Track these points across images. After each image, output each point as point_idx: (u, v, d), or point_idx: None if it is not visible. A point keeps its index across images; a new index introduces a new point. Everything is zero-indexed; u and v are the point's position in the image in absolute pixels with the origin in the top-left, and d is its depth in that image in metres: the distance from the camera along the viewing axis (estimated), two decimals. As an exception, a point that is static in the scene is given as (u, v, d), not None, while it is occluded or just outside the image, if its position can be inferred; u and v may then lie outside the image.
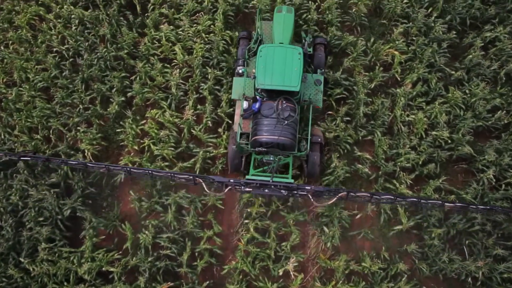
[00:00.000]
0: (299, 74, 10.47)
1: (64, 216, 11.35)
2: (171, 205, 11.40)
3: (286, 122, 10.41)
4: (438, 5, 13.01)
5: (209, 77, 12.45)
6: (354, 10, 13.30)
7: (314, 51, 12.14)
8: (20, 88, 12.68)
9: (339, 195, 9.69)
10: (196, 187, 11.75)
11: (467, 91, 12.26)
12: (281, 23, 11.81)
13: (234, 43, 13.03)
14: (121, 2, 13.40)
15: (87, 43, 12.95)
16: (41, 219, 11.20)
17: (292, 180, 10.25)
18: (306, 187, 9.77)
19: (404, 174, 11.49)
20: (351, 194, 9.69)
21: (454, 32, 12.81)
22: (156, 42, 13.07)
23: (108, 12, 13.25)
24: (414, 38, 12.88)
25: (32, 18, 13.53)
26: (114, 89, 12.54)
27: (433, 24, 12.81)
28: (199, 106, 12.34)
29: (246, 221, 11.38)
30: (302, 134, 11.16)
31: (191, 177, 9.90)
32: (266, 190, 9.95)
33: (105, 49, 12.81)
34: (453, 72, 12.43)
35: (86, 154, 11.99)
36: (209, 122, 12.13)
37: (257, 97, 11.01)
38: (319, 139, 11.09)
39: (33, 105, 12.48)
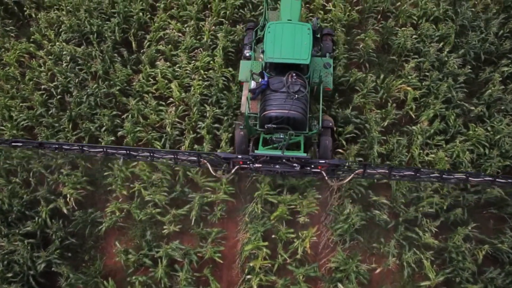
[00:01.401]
0: (308, 47, 10.06)
1: (38, 272, 9.80)
2: (162, 258, 9.91)
3: (296, 96, 9.87)
4: (450, 39, 12.36)
5: (207, 115, 11.47)
6: (361, 46, 12.62)
7: (322, 40, 11.69)
8: (1, 127, 11.62)
9: (356, 172, 9.26)
10: (191, 237, 10.51)
11: (489, 127, 11.23)
12: (288, 6, 11.37)
13: (235, 80, 12.20)
14: (116, 39, 12.73)
15: (77, 80, 12.10)
16: (10, 275, 9.63)
17: (305, 154, 9.47)
18: (320, 161, 9.30)
19: (428, 221, 10.13)
20: (368, 171, 9.19)
21: (469, 67, 12.02)
22: (151, 79, 12.23)
23: (101, 49, 12.52)
24: (427, 73, 12.07)
25: (22, 55, 12.79)
26: (104, 128, 11.50)
27: (446, 59, 12.06)
28: (196, 147, 11.25)
29: (249, 276, 9.84)
30: (313, 115, 10.62)
31: (196, 157, 9.44)
32: (277, 166, 9.42)
33: (96, 86, 11.92)
34: (472, 108, 11.48)
35: (68, 199, 10.68)
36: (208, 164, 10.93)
37: (265, 70, 10.45)
38: (330, 124, 10.55)
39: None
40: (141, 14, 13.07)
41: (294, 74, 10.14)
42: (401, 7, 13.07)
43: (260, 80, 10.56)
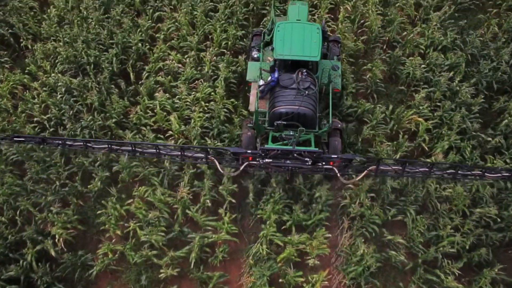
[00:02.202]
0: (318, 45, 10.04)
1: (18, 323, 8.83)
2: (158, 307, 8.99)
3: (306, 92, 9.73)
4: (460, 68, 11.91)
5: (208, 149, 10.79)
6: (368, 76, 12.16)
7: (329, 46, 11.58)
8: (-12, 163, 10.92)
9: (368, 169, 8.89)
10: (191, 282, 9.63)
11: (508, 159, 10.57)
12: (296, 10, 11.40)
13: (237, 112, 11.64)
14: (113, 70, 12.25)
15: (71, 112, 11.51)
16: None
17: (317, 149, 9.23)
18: (333, 156, 9.03)
19: (449, 262, 9.28)
20: (381, 168, 8.87)
21: (482, 97, 11.51)
22: (150, 111, 11.64)
23: (98, 80, 12.02)
24: (438, 103, 11.54)
25: (15, 87, 12.26)
26: (98, 162, 10.81)
27: (458, 88, 11.56)
28: (196, 183, 10.52)
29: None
30: (322, 113, 10.52)
31: (203, 152, 9.18)
32: (288, 162, 9.10)
33: (91, 118, 11.32)
34: (489, 139, 10.86)
35: (57, 240, 9.83)
36: (208, 201, 10.19)
37: (275, 68, 10.25)
38: (339, 125, 10.44)
39: (1, 181, 10.59)
40: (140, 44, 12.67)
41: (304, 71, 9.96)
42: (408, 37, 12.72)
43: (270, 76, 10.33)
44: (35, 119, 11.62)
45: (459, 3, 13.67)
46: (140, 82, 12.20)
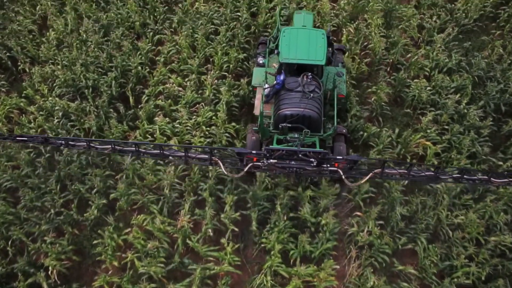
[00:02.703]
0: (323, 50, 10.11)
1: None
2: None
3: (311, 95, 9.77)
4: (467, 90, 11.67)
5: (210, 175, 10.41)
6: (373, 99, 11.89)
7: (333, 54, 11.63)
8: (-19, 190, 10.50)
9: (372, 172, 8.66)
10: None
11: (521, 185, 10.18)
12: (301, 18, 11.59)
13: (239, 136, 11.31)
14: (112, 94, 11.97)
15: (68, 137, 11.13)
16: None
17: (322, 149, 9.17)
18: (338, 157, 8.98)
19: (465, 294, 8.80)
20: (386, 171, 8.65)
21: (491, 119, 11.23)
22: (149, 136, 11.30)
23: (96, 104, 11.72)
24: (446, 126, 11.24)
25: (11, 111, 11.95)
26: (95, 189, 10.39)
27: (466, 111, 11.28)
28: (197, 211, 10.08)
29: None
30: (327, 118, 10.50)
31: (207, 154, 8.96)
32: (293, 162, 8.99)
33: (88, 144, 10.96)
34: (500, 163, 10.51)
35: (50, 272, 9.33)
36: (210, 230, 9.74)
37: (282, 70, 10.32)
38: (344, 130, 10.42)
39: (-7, 210, 10.15)
40: (139, 68, 12.43)
41: (309, 74, 10.04)
42: (412, 59, 12.53)
43: (276, 78, 10.39)
44: (31, 144, 11.24)
45: (462, 25, 13.55)
46: (139, 106, 11.90)
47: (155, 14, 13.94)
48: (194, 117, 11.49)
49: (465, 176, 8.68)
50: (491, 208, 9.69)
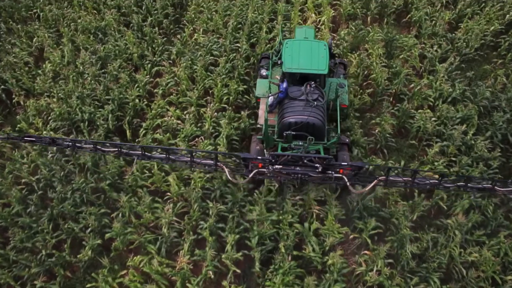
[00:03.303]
0: (326, 60, 10.33)
1: None
2: None
3: (315, 103, 9.89)
4: (473, 121, 11.40)
5: (210, 213, 9.93)
6: (377, 131, 11.60)
7: (335, 65, 11.82)
8: (-33, 230, 9.98)
9: (377, 179, 8.68)
10: None
11: (535, 220, 9.80)
12: (302, 31, 11.92)
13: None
14: (108, 127, 11.62)
15: (62, 173, 10.72)
16: None
17: (327, 155, 9.24)
18: (343, 163, 9.04)
19: None
20: (391, 178, 8.63)
21: (499, 150, 10.92)
22: (147, 172, 10.86)
23: (92, 138, 11.34)
24: (453, 158, 10.90)
25: (3, 145, 11.54)
26: (89, 229, 9.89)
27: (473, 142, 10.98)
28: (197, 251, 9.55)
29: None
30: (330, 127, 10.60)
31: (213, 158, 9.05)
32: (298, 168, 9.00)
33: (83, 180, 10.52)
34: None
35: (39, 321, 8.72)
36: (210, 272, 9.18)
37: (284, 78, 10.46)
38: (347, 140, 10.55)
39: (-20, 252, 9.60)
40: (137, 100, 12.15)
41: (312, 83, 10.18)
42: (415, 89, 12.33)
43: (279, 87, 10.56)
44: (23, 180, 10.81)
45: (463, 54, 13.45)
46: (137, 140, 11.53)
47: (154, 45, 13.80)
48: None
49: (469, 185, 8.63)
50: (505, 245, 9.23)
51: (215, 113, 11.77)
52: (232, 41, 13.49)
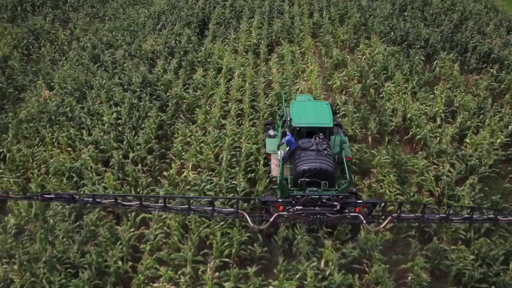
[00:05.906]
0: (330, 115, 11.55)
1: None
2: None
3: (325, 152, 10.72)
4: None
5: None
6: (410, 278, 9.76)
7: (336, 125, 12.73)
8: None
9: (391, 216, 9.00)
10: None
11: None
12: (303, 96, 13.57)
13: None
14: None
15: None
16: None
17: (344, 193, 9.98)
18: (359, 201, 9.67)
19: None
20: (402, 215, 9.02)
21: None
22: None
23: None
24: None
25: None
26: None
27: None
28: None
29: None
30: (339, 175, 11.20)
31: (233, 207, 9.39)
32: (317, 208, 9.32)
33: None
34: None
35: None
36: None
37: (287, 132, 11.47)
38: (354, 189, 11.21)
39: None
40: (120, 263, 9.99)
41: (321, 135, 11.19)
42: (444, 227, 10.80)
43: (282, 140, 11.41)
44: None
45: (480, 173, 12.39)
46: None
47: (137, 187, 12.07)
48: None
49: (473, 216, 9.09)
50: None
51: (217, 273, 9.69)
52: (227, 178, 11.97)
